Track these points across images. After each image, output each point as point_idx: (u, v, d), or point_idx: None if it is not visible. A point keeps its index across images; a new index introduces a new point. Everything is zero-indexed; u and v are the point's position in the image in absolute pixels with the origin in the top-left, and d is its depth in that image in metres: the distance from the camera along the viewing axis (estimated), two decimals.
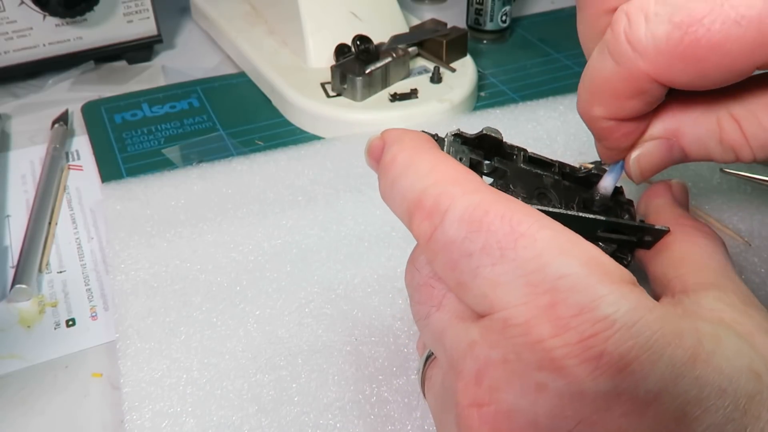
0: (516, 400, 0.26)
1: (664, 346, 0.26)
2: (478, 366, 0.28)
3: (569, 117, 0.70)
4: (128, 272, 0.52)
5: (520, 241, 0.27)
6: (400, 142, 0.33)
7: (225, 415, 0.42)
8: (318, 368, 0.45)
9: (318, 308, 0.49)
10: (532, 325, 0.26)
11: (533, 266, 0.27)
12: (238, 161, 0.64)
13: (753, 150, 0.33)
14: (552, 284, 0.26)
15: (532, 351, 0.26)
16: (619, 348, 0.25)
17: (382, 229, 0.56)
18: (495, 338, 0.27)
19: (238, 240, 0.55)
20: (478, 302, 0.28)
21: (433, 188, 0.30)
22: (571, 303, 0.26)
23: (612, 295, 0.26)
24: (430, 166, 0.31)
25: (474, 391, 0.28)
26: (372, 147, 0.34)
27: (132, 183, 0.61)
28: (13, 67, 0.76)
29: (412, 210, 0.30)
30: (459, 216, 0.29)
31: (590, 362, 0.25)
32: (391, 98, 0.70)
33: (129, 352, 0.46)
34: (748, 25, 0.29)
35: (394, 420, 0.42)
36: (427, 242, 0.30)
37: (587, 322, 0.25)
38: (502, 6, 0.85)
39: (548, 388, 0.26)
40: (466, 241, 0.28)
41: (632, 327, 0.25)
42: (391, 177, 0.32)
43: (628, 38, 0.31)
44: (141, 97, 0.77)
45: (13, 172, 0.66)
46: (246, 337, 0.47)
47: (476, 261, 0.28)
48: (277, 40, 0.79)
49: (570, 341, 0.25)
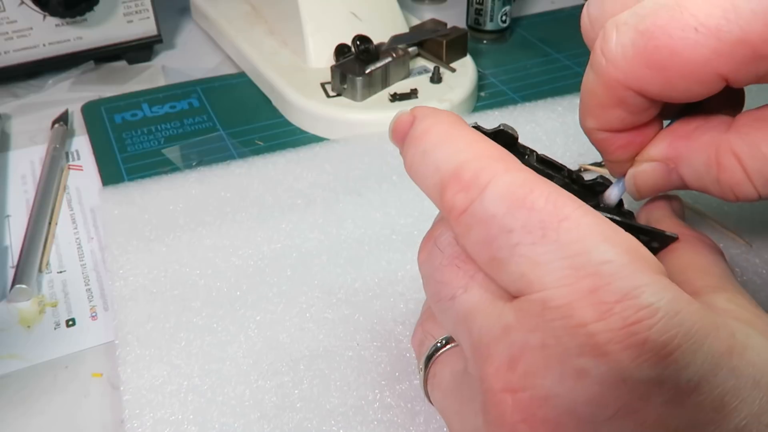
0: (554, 386, 0.26)
1: (704, 337, 0.26)
2: (513, 350, 0.27)
3: (568, 118, 0.70)
4: (127, 278, 0.52)
5: (563, 223, 0.27)
6: (435, 116, 0.32)
7: (227, 422, 0.42)
8: (320, 374, 0.45)
9: (319, 313, 0.49)
10: (574, 308, 0.26)
11: (576, 249, 0.27)
12: (236, 164, 0.64)
13: (757, 188, 0.33)
14: (595, 269, 0.26)
15: (573, 335, 0.26)
16: (663, 336, 0.25)
17: (382, 232, 0.56)
18: (533, 321, 0.27)
19: (237, 244, 0.55)
20: (514, 280, 0.28)
21: (473, 162, 0.29)
22: (615, 289, 0.26)
23: (655, 284, 0.26)
24: (469, 141, 0.30)
25: (507, 377, 0.27)
26: (399, 121, 0.34)
27: (130, 187, 0.61)
28: (13, 67, 0.76)
29: (447, 181, 0.30)
30: (501, 191, 0.28)
31: (634, 349, 0.25)
32: (391, 98, 0.70)
33: (129, 358, 0.46)
34: (707, 33, 0.30)
35: (397, 425, 0.42)
36: (459, 215, 0.29)
37: (631, 309, 0.25)
38: (502, 6, 0.84)
39: (589, 373, 0.25)
40: (507, 217, 0.28)
41: (675, 316, 0.25)
42: (423, 147, 0.31)
43: (602, 49, 0.33)
44: (141, 97, 0.77)
45: (13, 172, 0.66)
46: (247, 342, 0.47)
47: (516, 238, 0.27)
48: (277, 40, 0.79)
49: (614, 326, 0.25)
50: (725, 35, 0.29)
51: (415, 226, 0.57)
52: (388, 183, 0.61)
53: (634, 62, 0.32)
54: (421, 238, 0.54)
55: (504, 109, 0.72)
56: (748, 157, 0.32)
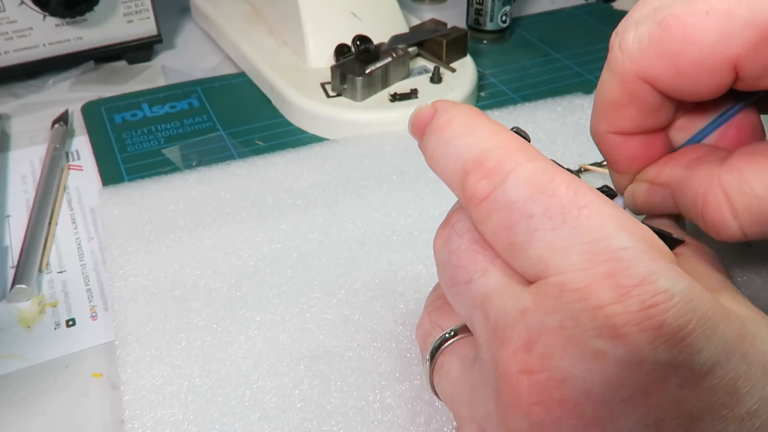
0: (571, 367, 0.26)
1: (717, 323, 0.26)
2: (530, 333, 0.28)
3: (568, 119, 0.70)
4: (127, 278, 0.52)
5: (583, 210, 0.28)
6: (457, 108, 0.33)
7: (227, 422, 0.42)
8: (320, 374, 0.45)
9: (319, 313, 0.49)
10: (592, 290, 0.26)
11: (595, 235, 0.27)
12: (236, 165, 0.64)
13: (742, 226, 0.33)
14: (614, 254, 0.27)
15: (591, 317, 0.26)
16: (679, 320, 0.26)
17: (382, 232, 0.56)
18: (551, 303, 0.27)
19: (237, 245, 0.55)
20: (532, 264, 0.28)
21: (496, 151, 0.30)
22: (633, 273, 0.26)
23: (670, 272, 0.26)
24: (492, 131, 0.31)
25: (524, 358, 0.28)
26: (420, 113, 0.34)
27: (129, 188, 0.61)
28: (13, 67, 0.76)
29: (469, 168, 0.30)
30: (524, 178, 0.29)
31: (651, 331, 0.25)
32: (391, 98, 0.70)
33: (129, 359, 0.46)
34: (718, 16, 0.31)
35: (398, 426, 0.42)
36: (480, 202, 0.30)
37: (648, 293, 0.26)
38: (502, 6, 0.84)
39: (607, 355, 0.26)
40: (528, 202, 0.28)
41: (690, 302, 0.26)
42: (446, 137, 0.32)
43: (620, 44, 0.35)
44: (141, 97, 0.77)
45: (13, 172, 0.66)
46: (247, 343, 0.47)
47: (536, 223, 0.28)
48: (277, 40, 0.79)
49: (631, 309, 0.26)
50: (735, 18, 0.31)
51: (415, 227, 0.56)
52: (389, 183, 0.61)
53: (648, 52, 0.33)
54: (422, 238, 0.55)
55: (504, 109, 0.72)
56: (736, 193, 0.32)
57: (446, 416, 0.43)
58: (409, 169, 0.63)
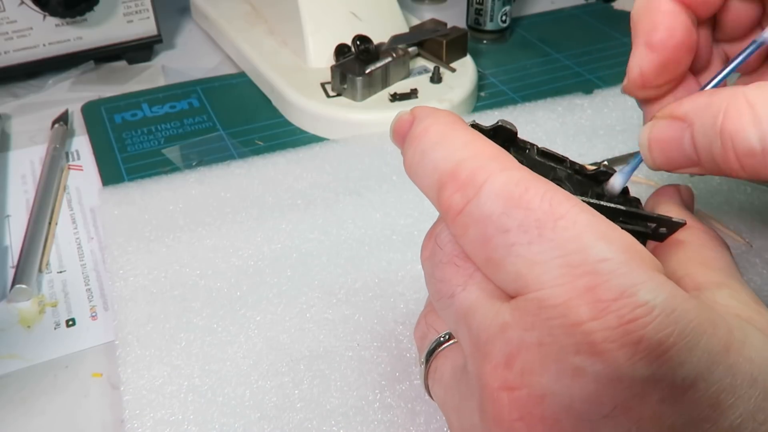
0: (550, 383, 0.26)
1: (700, 334, 0.26)
2: (510, 348, 0.27)
3: (568, 119, 0.70)
4: (127, 278, 0.52)
5: (559, 222, 0.27)
6: (434, 116, 0.32)
7: (227, 422, 0.42)
8: (320, 374, 0.45)
9: (319, 313, 0.49)
10: (570, 307, 0.26)
11: (572, 247, 0.26)
12: (236, 165, 0.64)
13: (763, 136, 0.30)
14: (592, 266, 0.26)
15: (569, 334, 0.26)
16: (659, 334, 0.25)
17: (382, 232, 0.56)
18: (529, 320, 0.27)
19: (237, 245, 0.55)
20: (511, 280, 0.28)
21: (470, 161, 0.29)
22: (612, 286, 0.25)
23: (651, 282, 0.26)
24: (466, 140, 0.30)
25: (504, 374, 0.27)
26: (400, 121, 0.34)
27: (129, 187, 0.61)
28: (13, 67, 0.76)
29: (444, 181, 0.30)
30: (497, 190, 0.28)
31: (629, 347, 0.25)
32: (391, 98, 0.70)
33: (129, 359, 0.46)
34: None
35: (398, 426, 0.42)
36: (456, 215, 0.29)
37: (627, 307, 0.25)
38: (502, 6, 0.84)
39: (585, 372, 0.25)
40: (503, 217, 0.28)
41: (671, 314, 0.25)
42: (422, 147, 0.31)
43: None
44: (141, 97, 0.77)
45: (13, 172, 0.66)
46: (247, 343, 0.47)
47: (512, 238, 0.27)
48: (277, 40, 0.79)
49: (609, 325, 0.25)
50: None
51: (415, 227, 0.57)
52: (388, 183, 0.61)
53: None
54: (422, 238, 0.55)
55: (504, 109, 0.72)
56: (762, 102, 0.30)
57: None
58: None
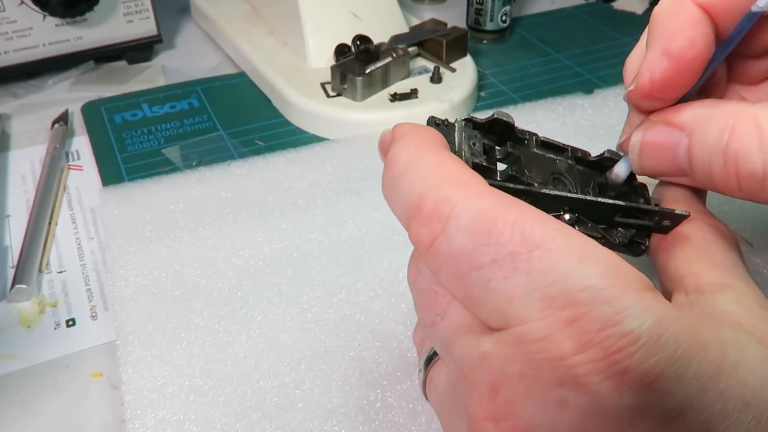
0: (535, 415, 0.26)
1: (689, 360, 0.25)
2: (493, 378, 0.27)
3: (568, 119, 0.70)
4: (128, 278, 0.52)
5: (534, 253, 0.26)
6: (406, 137, 0.31)
7: (228, 422, 0.42)
8: (321, 374, 0.45)
9: (320, 313, 0.49)
10: (552, 341, 0.25)
11: (550, 278, 0.26)
12: (236, 165, 0.64)
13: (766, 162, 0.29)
14: (572, 297, 0.25)
15: (552, 368, 0.25)
16: (644, 363, 0.24)
17: (383, 232, 0.56)
18: (511, 352, 0.26)
19: (238, 245, 0.55)
20: (492, 316, 0.27)
21: (433, 191, 0.28)
22: (595, 317, 0.25)
23: (636, 306, 0.25)
24: (432, 166, 0.29)
25: (489, 405, 0.27)
26: (383, 141, 0.33)
27: (130, 187, 0.61)
28: (13, 67, 0.76)
29: (411, 214, 0.29)
30: (464, 225, 0.27)
31: (614, 379, 0.24)
32: (391, 98, 0.70)
33: (130, 359, 0.46)
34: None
35: (399, 425, 0.42)
36: (426, 250, 0.28)
37: (612, 338, 0.24)
38: (502, 6, 0.84)
39: (570, 404, 0.25)
40: (474, 254, 0.27)
41: (657, 341, 0.24)
42: (392, 176, 0.30)
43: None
44: (141, 97, 0.77)
45: (13, 172, 0.66)
46: (248, 343, 0.47)
47: (487, 274, 0.26)
48: (277, 40, 0.79)
49: (594, 358, 0.24)
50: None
51: None
52: None
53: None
54: None
55: (504, 109, 0.71)
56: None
57: None
58: None
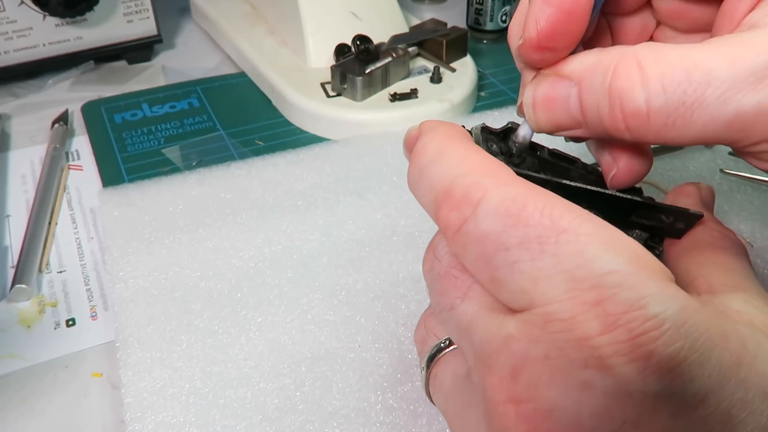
0: (558, 398, 0.26)
1: (711, 348, 0.25)
2: (515, 361, 0.27)
3: None
4: (127, 280, 0.52)
5: (561, 236, 0.26)
6: (434, 131, 0.32)
7: (229, 424, 0.42)
8: (322, 376, 0.45)
9: (320, 315, 0.49)
10: (577, 321, 0.25)
11: (577, 261, 0.26)
12: (236, 166, 0.64)
13: (649, 94, 0.29)
14: (598, 280, 0.25)
15: (577, 348, 0.25)
16: (669, 348, 0.25)
17: (383, 233, 0.56)
18: (535, 333, 0.26)
19: (238, 246, 0.55)
20: (516, 298, 0.27)
21: (463, 178, 0.29)
22: (620, 300, 0.25)
23: (661, 294, 0.25)
24: (462, 156, 0.30)
25: (510, 387, 0.27)
26: (408, 137, 0.33)
27: (129, 189, 0.61)
28: (13, 67, 0.76)
29: (440, 199, 0.29)
30: (494, 208, 0.28)
31: (639, 361, 0.25)
32: (391, 98, 0.70)
33: (130, 361, 0.46)
34: None
35: (399, 427, 0.42)
36: (454, 234, 0.29)
37: (637, 320, 0.25)
38: (502, 6, 0.84)
39: (594, 386, 0.25)
40: (502, 235, 0.27)
41: (681, 327, 0.25)
42: (420, 165, 0.31)
43: None
44: (141, 97, 0.77)
45: (13, 172, 0.66)
46: (248, 344, 0.47)
47: (514, 255, 0.27)
48: (277, 40, 0.79)
49: (618, 339, 0.25)
50: None
51: (415, 227, 0.56)
52: (389, 184, 0.61)
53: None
54: (422, 238, 0.55)
55: (504, 109, 0.72)
56: (650, 61, 0.29)
57: None
58: None
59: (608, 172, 0.35)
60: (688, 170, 0.62)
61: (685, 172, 0.62)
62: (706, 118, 0.28)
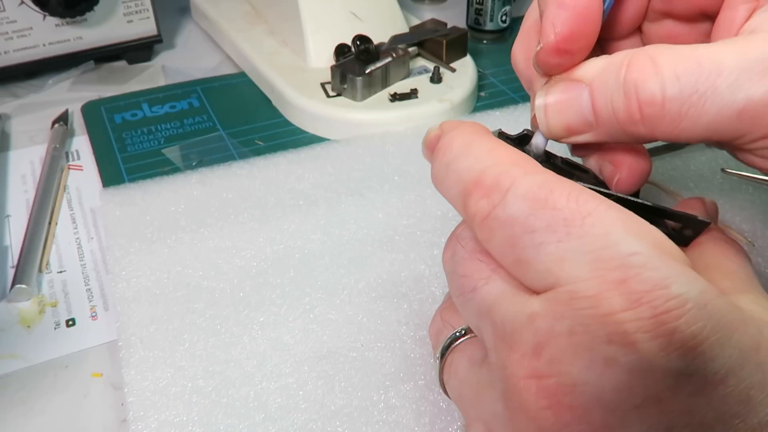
0: (581, 373, 0.26)
1: (732, 331, 0.26)
2: (538, 338, 0.27)
3: None
4: (129, 279, 0.52)
5: (587, 219, 0.27)
6: (458, 128, 0.33)
7: (231, 423, 0.42)
8: (324, 375, 0.45)
9: (323, 314, 0.49)
10: (602, 298, 0.26)
11: (602, 243, 0.27)
12: (237, 165, 0.63)
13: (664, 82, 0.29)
14: (623, 260, 0.26)
15: (601, 323, 0.26)
16: (692, 327, 0.25)
17: (385, 233, 0.56)
18: (560, 310, 0.27)
19: (240, 245, 0.55)
20: (541, 278, 0.28)
21: (493, 168, 0.30)
22: (644, 278, 0.26)
23: (683, 276, 0.26)
24: (489, 149, 0.31)
25: (532, 363, 0.27)
26: (429, 137, 0.35)
27: (131, 188, 0.61)
28: (13, 67, 0.76)
29: (470, 189, 0.31)
30: (523, 194, 0.29)
31: (663, 338, 0.25)
32: (391, 98, 0.70)
33: (132, 360, 0.46)
34: None
35: (402, 426, 0.42)
36: (483, 221, 0.30)
37: (660, 298, 0.25)
38: (502, 6, 0.85)
39: (618, 362, 0.26)
40: (530, 218, 0.28)
41: (703, 308, 0.26)
42: (447, 159, 0.32)
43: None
44: (141, 97, 0.77)
45: (13, 172, 0.66)
46: (251, 344, 0.47)
47: (540, 237, 0.28)
48: (277, 40, 0.79)
49: (643, 316, 0.25)
50: None
51: (417, 227, 0.56)
52: (390, 183, 0.61)
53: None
54: (424, 238, 0.55)
55: (504, 109, 0.72)
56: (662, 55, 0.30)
57: (450, 416, 0.43)
58: (410, 169, 0.63)
59: (611, 179, 0.36)
60: (690, 170, 0.62)
61: (686, 172, 0.62)
62: (718, 106, 0.29)
